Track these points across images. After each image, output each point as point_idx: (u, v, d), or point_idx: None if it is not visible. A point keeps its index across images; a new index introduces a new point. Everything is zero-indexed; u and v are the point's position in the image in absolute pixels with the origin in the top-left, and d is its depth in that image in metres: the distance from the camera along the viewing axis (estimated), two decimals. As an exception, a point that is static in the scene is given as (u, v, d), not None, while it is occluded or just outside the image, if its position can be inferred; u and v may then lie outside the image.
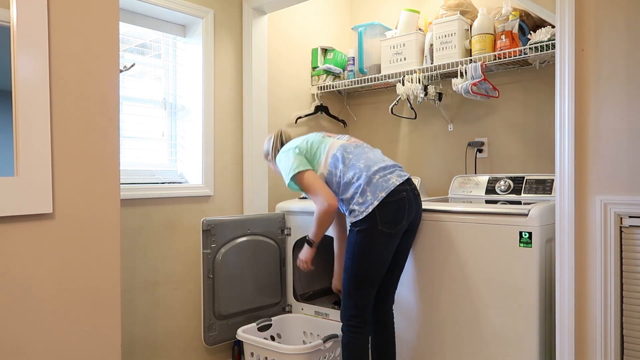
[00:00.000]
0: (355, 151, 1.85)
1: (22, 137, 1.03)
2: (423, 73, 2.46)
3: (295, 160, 1.86)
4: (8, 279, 1.02)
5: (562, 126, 1.53)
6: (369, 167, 1.78)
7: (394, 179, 1.76)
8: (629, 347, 1.48)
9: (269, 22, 2.63)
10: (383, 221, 1.71)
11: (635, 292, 1.45)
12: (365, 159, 1.82)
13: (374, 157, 1.83)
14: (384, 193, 1.71)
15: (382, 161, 1.83)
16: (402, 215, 1.75)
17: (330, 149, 1.88)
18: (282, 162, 1.91)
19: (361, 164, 1.79)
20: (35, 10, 1.04)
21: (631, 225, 1.44)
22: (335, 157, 1.84)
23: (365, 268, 1.75)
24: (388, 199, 1.72)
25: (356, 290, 1.77)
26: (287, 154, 1.90)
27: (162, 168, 2.34)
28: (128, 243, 2.06)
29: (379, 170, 1.78)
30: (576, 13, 1.51)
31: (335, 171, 1.83)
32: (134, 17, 2.20)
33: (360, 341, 1.79)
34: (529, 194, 2.12)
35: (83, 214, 1.13)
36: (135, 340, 2.09)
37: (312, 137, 1.95)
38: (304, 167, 1.84)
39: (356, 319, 1.79)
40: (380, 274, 1.79)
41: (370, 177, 1.75)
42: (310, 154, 1.89)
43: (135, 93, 2.23)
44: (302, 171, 1.84)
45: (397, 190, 1.74)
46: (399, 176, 1.79)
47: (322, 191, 1.81)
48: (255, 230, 2.33)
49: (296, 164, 1.85)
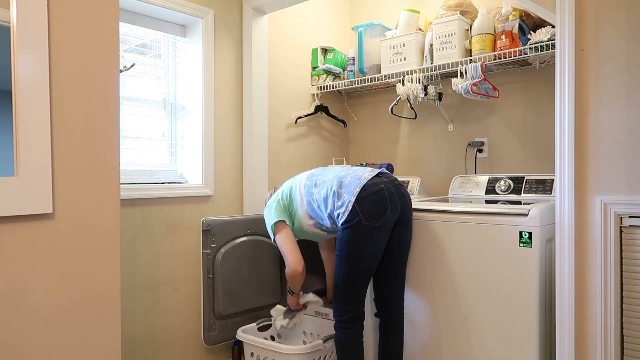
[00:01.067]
0: (322, 171, 1.95)
1: (22, 137, 1.03)
2: (423, 73, 2.46)
3: (274, 212, 1.95)
4: (8, 279, 1.02)
5: (562, 126, 1.53)
6: (337, 174, 1.86)
7: (365, 174, 1.82)
8: (629, 347, 1.48)
9: (269, 22, 2.63)
10: (365, 215, 1.73)
11: (635, 292, 1.45)
12: (333, 170, 1.91)
13: (341, 169, 1.91)
14: (358, 188, 1.75)
15: (351, 169, 1.90)
16: (384, 205, 1.76)
17: (300, 182, 1.98)
18: (266, 215, 2.01)
19: (330, 176, 1.87)
20: (35, 10, 1.04)
21: (631, 225, 1.44)
22: (307, 186, 1.93)
23: (355, 264, 1.76)
24: (364, 192, 1.75)
25: (347, 287, 1.79)
26: (270, 208, 1.99)
27: (162, 168, 2.34)
28: (128, 243, 2.06)
29: (348, 174, 1.84)
30: (576, 13, 1.51)
31: (310, 198, 1.90)
32: (134, 17, 2.20)
33: (353, 337, 1.80)
34: (529, 194, 2.12)
35: (83, 214, 1.13)
36: (135, 340, 2.09)
37: (286, 185, 2.03)
38: (277, 218, 1.93)
39: (347, 314, 1.80)
40: (370, 269, 1.80)
41: (340, 180, 1.82)
42: (287, 200, 1.98)
43: (135, 93, 2.23)
44: (278, 222, 1.93)
45: (371, 183, 1.78)
46: (370, 172, 1.84)
47: (290, 255, 1.89)
48: (255, 230, 2.33)
49: (275, 214, 1.94)
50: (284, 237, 1.91)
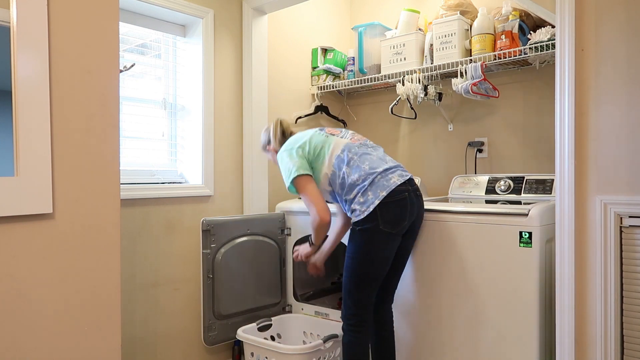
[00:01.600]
0: (359, 151, 1.83)
1: (22, 137, 1.03)
2: (423, 73, 2.46)
3: (296, 162, 1.83)
4: (8, 279, 1.02)
5: (562, 126, 1.53)
6: (373, 169, 1.77)
7: (395, 179, 1.76)
8: (629, 347, 1.48)
9: (269, 22, 2.63)
10: (385, 220, 1.71)
11: (635, 292, 1.45)
12: (369, 160, 1.80)
13: (377, 159, 1.82)
14: (385, 192, 1.71)
15: (385, 162, 1.82)
16: (403, 214, 1.75)
17: (335, 149, 1.85)
18: (284, 162, 1.88)
19: (365, 166, 1.78)
20: (35, 10, 1.04)
21: (631, 225, 1.44)
22: (340, 159, 1.82)
23: (367, 268, 1.74)
24: (389, 198, 1.71)
25: (357, 290, 1.77)
26: (290, 154, 1.86)
27: (162, 168, 2.34)
28: (128, 243, 2.06)
29: (383, 171, 1.77)
30: (576, 13, 1.51)
31: (339, 172, 1.81)
32: (134, 17, 2.20)
33: (361, 341, 1.79)
34: (529, 194, 2.12)
35: (83, 214, 1.13)
36: (135, 340, 2.09)
37: (315, 137, 1.90)
38: (304, 171, 1.82)
39: (356, 318, 1.79)
40: (382, 274, 1.78)
41: (374, 178, 1.75)
42: (313, 155, 1.86)
43: (135, 93, 2.23)
44: (301, 175, 1.81)
45: (398, 190, 1.74)
46: (400, 176, 1.78)
47: (316, 204, 1.80)
48: (255, 230, 2.33)
49: (297, 166, 1.82)
50: (309, 185, 1.82)
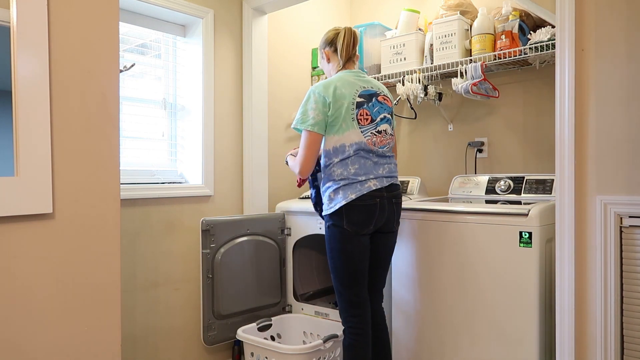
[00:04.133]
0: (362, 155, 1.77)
1: (22, 137, 1.03)
2: (423, 73, 2.46)
3: (316, 115, 1.74)
4: (8, 279, 1.02)
5: (562, 126, 1.53)
6: (357, 174, 1.75)
7: (371, 184, 1.75)
8: (629, 347, 1.48)
9: (269, 22, 2.63)
10: (349, 221, 1.74)
11: (635, 292, 1.46)
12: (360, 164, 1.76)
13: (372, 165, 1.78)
14: (355, 195, 1.73)
15: (376, 171, 1.79)
16: (369, 220, 1.75)
17: (348, 137, 1.76)
18: (307, 102, 1.78)
19: (352, 169, 1.75)
20: (35, 10, 1.04)
21: (631, 225, 1.44)
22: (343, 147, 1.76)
23: (345, 264, 1.77)
24: (358, 202, 1.73)
25: (345, 288, 1.79)
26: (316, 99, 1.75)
27: (162, 168, 2.34)
28: (128, 243, 2.06)
29: (364, 180, 1.75)
30: (576, 13, 1.51)
31: (331, 156, 1.78)
32: (134, 17, 2.20)
33: (361, 343, 1.79)
34: (529, 194, 2.12)
35: (83, 214, 1.13)
36: (135, 340, 2.09)
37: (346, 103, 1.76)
38: (317, 129, 1.74)
39: (354, 319, 1.79)
40: (362, 268, 1.79)
41: (351, 181, 1.74)
42: (332, 117, 1.75)
43: (135, 93, 2.23)
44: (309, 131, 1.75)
45: (370, 195, 1.74)
46: (379, 182, 1.77)
47: (306, 160, 1.76)
48: (255, 230, 2.33)
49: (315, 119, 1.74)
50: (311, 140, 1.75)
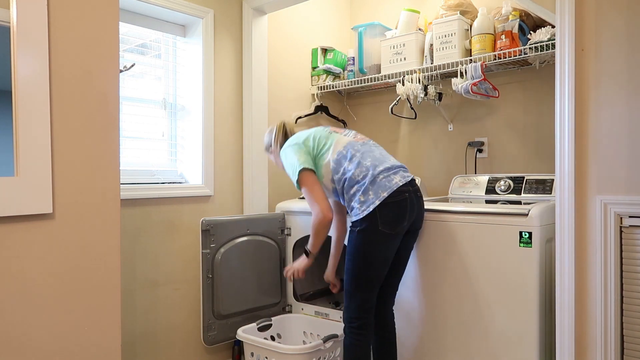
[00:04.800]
0: (362, 149, 1.82)
1: (22, 137, 1.03)
2: (423, 73, 2.46)
3: (300, 157, 1.83)
4: (8, 279, 1.02)
5: (562, 126, 1.53)
6: (375, 166, 1.76)
7: (397, 179, 1.75)
8: (629, 347, 1.48)
9: (269, 22, 2.63)
10: (384, 221, 1.70)
11: (635, 292, 1.45)
12: (372, 157, 1.79)
13: (380, 157, 1.82)
14: (387, 193, 1.70)
15: (388, 161, 1.81)
16: (403, 215, 1.74)
17: (337, 145, 1.84)
18: (288, 158, 1.88)
19: (367, 162, 1.77)
20: (35, 10, 1.04)
21: (631, 225, 1.44)
22: (342, 154, 1.81)
23: (366, 269, 1.74)
24: (390, 198, 1.71)
25: (358, 292, 1.77)
26: (293, 149, 1.86)
27: (162, 168, 2.34)
28: (128, 243, 2.06)
29: (384, 170, 1.76)
30: (576, 13, 1.51)
31: (340, 168, 1.81)
32: (134, 17, 2.20)
33: (362, 343, 1.78)
34: (529, 194, 2.12)
35: (83, 214, 1.13)
36: (135, 340, 2.09)
37: (319, 133, 1.90)
38: (308, 165, 1.81)
39: (359, 321, 1.78)
40: (381, 274, 1.78)
41: (375, 176, 1.74)
42: (316, 150, 1.86)
43: (135, 93, 2.23)
44: (305, 169, 1.81)
45: (399, 190, 1.73)
46: (402, 177, 1.77)
47: (320, 201, 1.79)
48: (255, 230, 2.33)
49: (301, 160, 1.82)
50: (312, 181, 1.81)
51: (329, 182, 1.86)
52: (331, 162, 1.82)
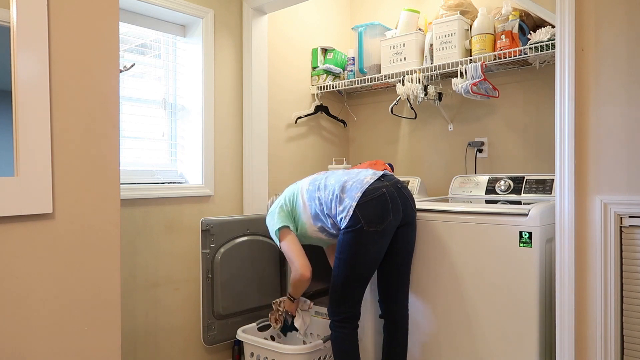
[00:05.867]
0: (325, 175, 1.95)
1: (22, 137, 1.03)
2: (423, 73, 2.46)
3: (276, 219, 1.94)
4: (8, 279, 1.02)
5: (562, 126, 1.53)
6: (339, 179, 1.85)
7: (367, 179, 1.80)
8: (629, 347, 1.48)
9: (269, 22, 2.63)
10: (367, 220, 1.73)
11: (635, 292, 1.46)
12: (335, 175, 1.90)
13: (344, 173, 1.91)
14: (359, 192, 1.75)
15: (352, 172, 1.89)
16: (386, 210, 1.75)
17: (302, 188, 1.96)
18: (268, 222, 1.99)
19: (332, 181, 1.87)
20: (35, 10, 1.04)
21: (631, 225, 1.44)
22: (310, 191, 1.92)
23: (354, 268, 1.76)
24: (366, 197, 1.74)
25: (344, 288, 1.79)
26: (272, 215, 1.97)
27: (162, 168, 2.34)
28: (128, 243, 2.06)
29: (350, 178, 1.84)
30: (576, 13, 1.51)
31: (315, 202, 1.88)
32: (134, 17, 2.20)
33: (348, 336, 1.81)
34: (529, 194, 2.12)
35: (83, 214, 1.13)
36: (135, 340, 2.09)
37: (288, 191, 2.02)
38: (281, 224, 1.92)
39: (343, 314, 1.80)
40: (369, 273, 1.80)
41: (343, 184, 1.82)
42: (290, 206, 1.97)
43: (135, 93, 2.23)
44: (281, 227, 1.91)
45: (373, 188, 1.77)
46: (373, 174, 1.83)
47: (297, 259, 1.87)
48: (255, 230, 2.33)
49: (276, 220, 1.93)
50: (290, 242, 1.91)
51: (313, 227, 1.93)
52: (306, 204, 1.92)
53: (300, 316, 2.09)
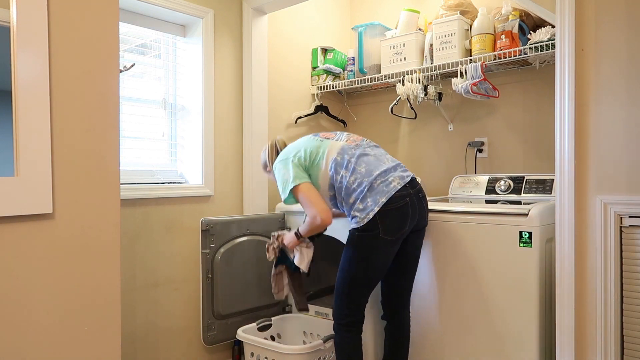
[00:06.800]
0: (355, 153, 1.79)
1: (22, 137, 1.03)
2: (423, 73, 2.46)
3: (292, 172, 1.78)
4: (8, 279, 1.02)
5: (562, 126, 1.53)
6: (370, 172, 1.73)
7: (395, 182, 1.71)
8: (629, 347, 1.48)
9: (268, 22, 2.63)
10: (385, 228, 1.68)
11: (635, 292, 1.45)
12: (366, 162, 1.76)
13: (375, 160, 1.78)
14: (385, 198, 1.67)
15: (383, 163, 1.77)
16: (404, 222, 1.71)
17: (330, 152, 1.80)
18: (279, 173, 1.84)
19: (362, 169, 1.74)
20: (35, 10, 1.04)
21: (631, 225, 1.44)
22: (336, 162, 1.77)
23: (363, 272, 1.74)
24: (389, 205, 1.67)
25: (351, 291, 1.77)
26: (285, 164, 1.82)
27: (162, 168, 2.34)
28: (128, 243, 2.06)
29: (380, 174, 1.72)
30: (576, 13, 1.51)
31: (336, 176, 1.77)
32: (134, 17, 2.20)
33: (352, 340, 1.79)
34: (529, 194, 2.12)
35: (83, 214, 1.13)
36: (135, 340, 2.09)
37: (310, 144, 1.86)
38: (300, 180, 1.77)
39: (349, 318, 1.78)
40: (378, 278, 1.78)
41: (372, 182, 1.70)
42: (309, 161, 1.81)
43: (135, 93, 2.23)
44: (298, 185, 1.77)
45: (399, 195, 1.69)
46: (400, 178, 1.73)
47: (317, 205, 1.74)
48: (255, 230, 2.33)
49: (293, 175, 1.78)
50: (307, 189, 1.76)
51: (327, 191, 1.82)
52: (326, 172, 1.79)
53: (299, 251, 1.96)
